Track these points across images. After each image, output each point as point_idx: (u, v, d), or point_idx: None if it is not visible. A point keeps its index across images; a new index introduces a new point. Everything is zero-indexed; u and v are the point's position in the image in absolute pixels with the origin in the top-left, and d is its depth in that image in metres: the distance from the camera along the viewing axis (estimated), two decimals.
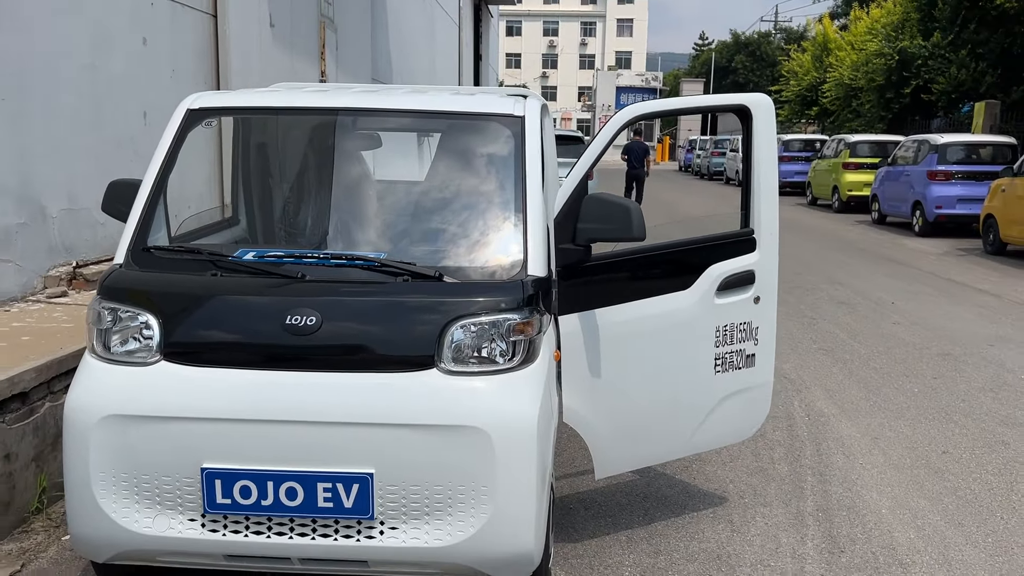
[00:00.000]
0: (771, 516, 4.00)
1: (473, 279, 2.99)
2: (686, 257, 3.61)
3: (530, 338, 2.92)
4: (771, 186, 3.71)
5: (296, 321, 2.81)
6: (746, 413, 3.84)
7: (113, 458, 2.81)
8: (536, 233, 3.09)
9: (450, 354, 2.83)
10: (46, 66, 5.50)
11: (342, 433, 2.76)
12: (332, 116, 3.59)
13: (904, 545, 3.74)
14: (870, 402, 5.75)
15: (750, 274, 3.69)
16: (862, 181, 19.46)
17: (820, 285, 10.26)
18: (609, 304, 3.41)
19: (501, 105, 3.43)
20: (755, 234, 3.70)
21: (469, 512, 2.78)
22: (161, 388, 2.82)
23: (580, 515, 3.98)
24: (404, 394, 2.78)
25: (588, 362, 3.40)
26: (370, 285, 2.94)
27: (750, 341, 3.75)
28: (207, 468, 2.77)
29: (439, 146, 3.71)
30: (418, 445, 2.76)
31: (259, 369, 2.82)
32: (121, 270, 3.07)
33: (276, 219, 4.05)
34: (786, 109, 35.93)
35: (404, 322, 2.87)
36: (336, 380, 2.80)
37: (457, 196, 3.42)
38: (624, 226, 3.18)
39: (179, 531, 2.82)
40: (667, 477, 4.43)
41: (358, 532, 2.80)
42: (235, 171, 4.20)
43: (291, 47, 9.77)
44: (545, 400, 2.91)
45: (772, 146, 3.70)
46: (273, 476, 2.76)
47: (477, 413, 2.77)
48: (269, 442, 2.77)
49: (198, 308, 2.94)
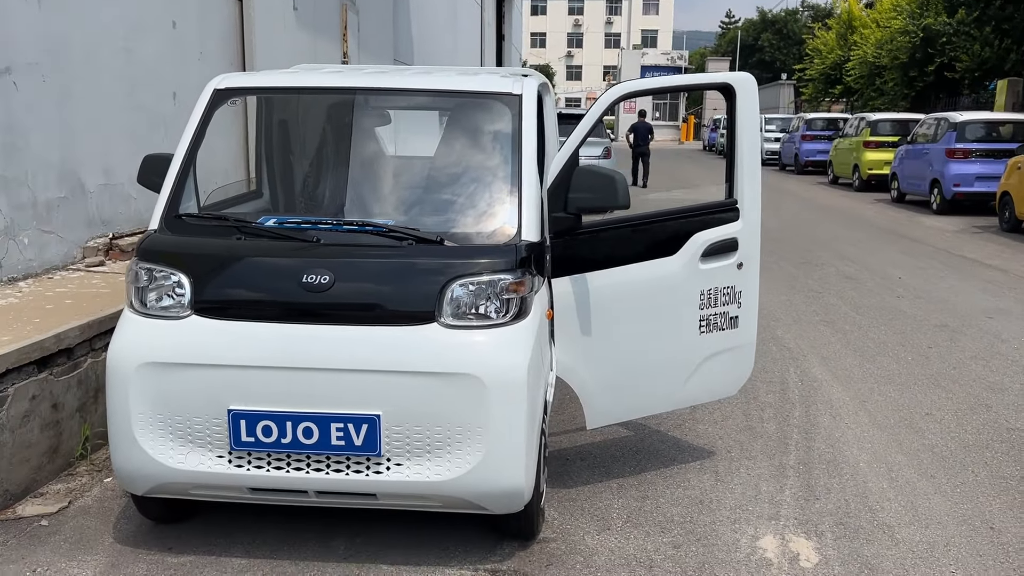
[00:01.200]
0: (754, 468, 4.30)
1: (472, 243, 3.31)
2: (672, 225, 3.89)
3: (522, 296, 3.23)
4: (753, 159, 3.97)
5: (312, 280, 3.14)
6: (730, 371, 4.13)
7: (150, 401, 3.17)
8: (530, 202, 3.40)
9: (450, 310, 3.15)
10: (86, 48, 5.87)
11: (352, 379, 3.09)
12: (346, 95, 3.91)
13: (876, 494, 4.03)
14: (863, 369, 6.01)
15: (733, 241, 3.97)
16: (882, 159, 19.47)
17: (831, 261, 10.46)
18: (599, 268, 3.71)
19: (500, 84, 3.73)
20: (738, 204, 3.97)
21: (466, 451, 3.10)
22: (192, 339, 3.17)
23: (576, 465, 4.30)
24: (408, 345, 3.11)
25: (579, 321, 3.70)
26: (378, 248, 3.26)
27: (734, 304, 4.03)
28: (233, 410, 3.12)
29: (444, 123, 4.02)
30: (420, 390, 3.08)
31: (279, 322, 3.16)
32: (156, 235, 3.42)
33: (295, 191, 4.38)
34: (810, 87, 35.77)
35: (408, 281, 3.19)
36: (347, 332, 3.13)
37: (459, 169, 3.73)
38: (611, 195, 3.48)
39: (208, 466, 3.18)
40: (660, 433, 4.74)
41: (367, 468, 3.14)
42: (259, 147, 4.55)
43: (314, 29, 10.09)
44: (535, 353, 3.23)
45: (754, 122, 3.96)
46: (292, 417, 3.10)
47: (473, 362, 3.09)
48: (288, 387, 3.11)
49: (224, 268, 3.28)
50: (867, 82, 29.85)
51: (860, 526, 3.71)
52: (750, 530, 3.67)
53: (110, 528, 3.61)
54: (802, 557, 3.45)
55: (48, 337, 3.97)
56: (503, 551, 3.43)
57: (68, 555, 3.40)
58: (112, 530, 3.59)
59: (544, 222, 3.51)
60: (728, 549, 3.51)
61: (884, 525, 3.72)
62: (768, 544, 3.55)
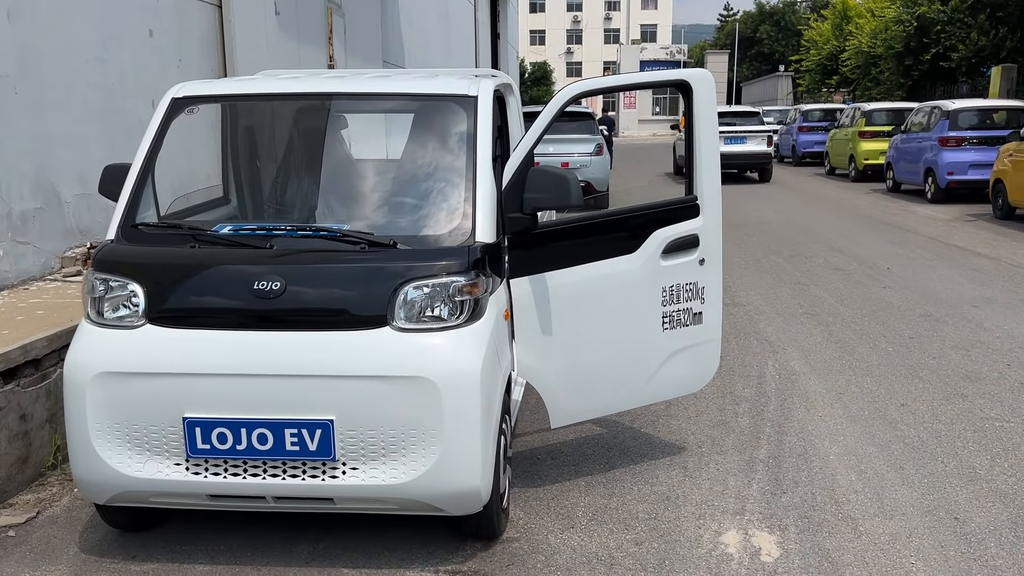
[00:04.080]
0: (724, 463, 4.30)
1: (426, 246, 3.32)
2: (631, 223, 3.89)
3: (476, 298, 3.24)
4: (712, 156, 3.97)
5: (263, 287, 3.16)
6: (695, 367, 4.14)
7: (106, 410, 3.19)
8: (484, 203, 3.41)
9: (402, 313, 3.17)
10: (59, 59, 5.89)
11: (305, 384, 3.11)
12: (301, 101, 3.92)
13: (844, 487, 4.03)
14: (842, 361, 6.00)
15: (694, 238, 3.97)
16: (878, 150, 19.40)
17: (820, 253, 10.45)
18: (558, 268, 3.71)
19: (456, 86, 3.73)
20: (698, 201, 3.97)
21: (421, 453, 3.12)
22: (146, 348, 3.20)
23: (545, 464, 4.31)
24: (360, 349, 3.13)
25: (539, 321, 3.71)
26: (331, 253, 3.28)
27: (696, 300, 4.04)
28: (188, 417, 3.14)
29: (401, 126, 4.03)
30: (373, 394, 3.10)
31: (232, 330, 3.18)
32: (111, 245, 3.44)
33: (259, 197, 4.41)
34: (807, 79, 35.68)
35: (359, 285, 3.21)
36: (299, 338, 3.15)
37: (415, 171, 3.75)
38: (564, 195, 3.48)
39: (166, 474, 3.20)
40: (632, 430, 4.75)
41: (323, 472, 3.16)
42: (224, 153, 4.56)
43: (297, 34, 10.10)
44: (489, 354, 3.24)
45: (712, 118, 3.96)
46: (246, 424, 3.12)
47: (425, 365, 3.11)
48: (241, 394, 3.13)
49: (177, 277, 3.30)
50: (863, 72, 29.78)
51: (824, 519, 3.71)
52: (714, 525, 3.67)
53: (76, 538, 3.63)
54: (763, 551, 3.45)
55: (14, 348, 4.00)
56: (465, 552, 3.44)
57: (32, 565, 3.42)
58: (78, 539, 3.62)
59: (501, 223, 3.52)
60: (690, 545, 3.51)
61: (848, 517, 3.72)
62: (730, 539, 3.55)
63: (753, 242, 11.35)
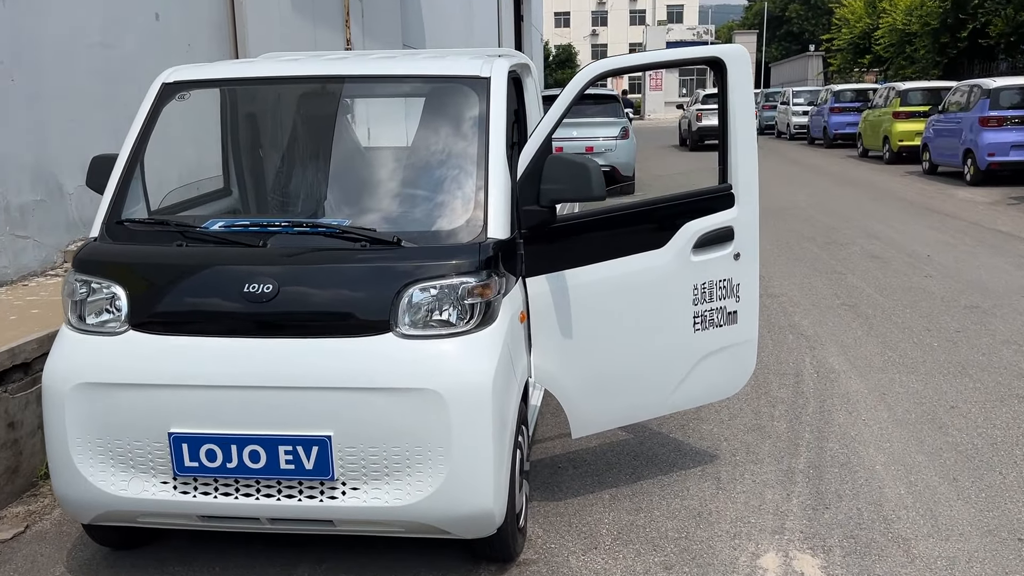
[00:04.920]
0: (760, 473, 3.98)
1: (433, 243, 3.02)
2: (659, 215, 3.56)
3: (488, 300, 2.94)
4: (749, 140, 3.63)
5: (253, 289, 2.88)
6: (730, 370, 3.81)
7: (87, 424, 2.93)
8: (497, 196, 3.10)
9: (405, 318, 2.87)
10: (58, 46, 5.64)
11: (299, 397, 2.83)
12: (301, 84, 3.62)
13: (892, 501, 3.69)
14: (884, 358, 5.63)
15: (728, 231, 3.63)
16: (913, 130, 18.78)
17: (856, 239, 10.02)
18: (578, 265, 3.39)
19: (467, 67, 3.42)
20: (733, 190, 3.64)
21: (427, 472, 2.83)
22: (128, 357, 2.93)
23: (567, 474, 4.01)
24: (359, 358, 2.84)
25: (558, 323, 3.40)
26: (329, 252, 2.98)
27: (731, 298, 3.70)
28: (174, 433, 2.87)
29: (409, 111, 3.73)
30: (374, 408, 2.81)
31: (220, 336, 2.90)
32: (94, 243, 3.18)
33: (260, 188, 4.12)
34: (838, 58, 34.82)
35: (360, 288, 2.91)
36: (293, 346, 2.86)
37: (424, 160, 3.44)
38: (583, 185, 3.16)
39: (152, 493, 2.94)
40: (661, 436, 4.43)
41: (321, 492, 2.88)
42: (224, 141, 4.29)
43: (313, 16, 9.81)
44: (502, 361, 2.93)
45: (748, 99, 3.61)
46: (236, 440, 2.85)
47: (430, 375, 2.81)
48: (230, 407, 2.85)
49: (162, 279, 3.03)
50: (897, 50, 28.94)
51: (872, 539, 3.38)
52: (751, 546, 3.36)
53: (64, 556, 3.40)
54: None
55: (0, 352, 3.76)
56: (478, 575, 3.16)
57: None
58: (66, 558, 3.38)
59: (516, 217, 3.21)
60: (724, 569, 3.20)
61: (899, 538, 3.39)
62: (769, 563, 3.24)
63: (785, 228, 10.93)
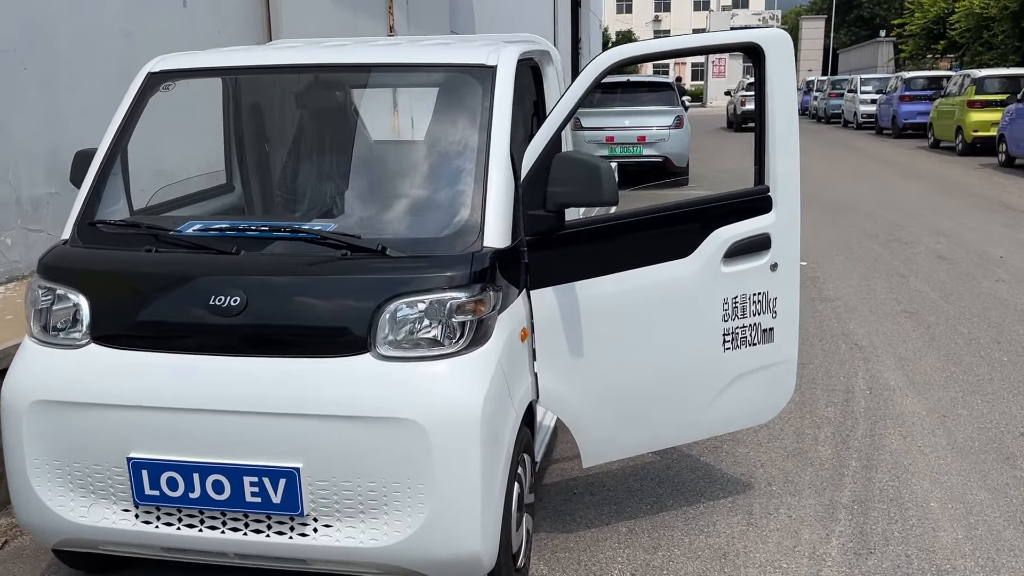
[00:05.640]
0: (797, 507, 3.58)
1: (422, 252, 2.70)
2: (685, 220, 3.18)
3: (479, 318, 2.61)
4: (789, 136, 3.22)
5: (219, 302, 2.60)
6: (764, 394, 3.41)
7: (45, 445, 2.70)
8: (497, 200, 2.77)
9: (385, 337, 2.56)
10: (76, 33, 5.47)
11: (266, 424, 2.54)
12: (294, 74, 3.34)
13: (948, 547, 3.26)
14: (946, 373, 5.14)
15: (764, 238, 3.23)
16: (989, 120, 17.77)
17: (922, 238, 9.40)
18: (591, 275, 3.03)
19: (472, 55, 3.08)
20: (771, 192, 3.23)
21: (406, 511, 2.53)
22: (88, 373, 2.68)
23: (582, 501, 3.66)
24: (332, 381, 2.54)
25: (567, 340, 3.04)
26: (305, 261, 2.69)
27: (767, 314, 3.31)
28: (133, 458, 2.62)
29: (403, 101, 3.40)
30: (348, 438, 2.52)
31: (183, 353, 2.64)
32: (62, 247, 2.95)
33: (262, 185, 3.85)
34: (910, 44, 33.42)
35: (336, 302, 2.61)
36: (260, 366, 2.58)
37: (421, 157, 3.12)
38: (593, 189, 2.79)
39: (113, 522, 2.70)
40: (690, 459, 4.05)
41: (291, 529, 2.60)
42: (226, 134, 4.03)
43: (353, 2, 9.56)
44: (495, 386, 2.61)
45: (789, 90, 3.20)
46: (199, 468, 2.59)
47: (410, 403, 2.50)
48: (192, 432, 2.59)
49: (126, 288, 2.78)
50: (974, 36, 27.59)
51: None
52: None
53: None
54: None
55: None
56: None
57: None
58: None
59: (519, 222, 2.87)
60: None
61: None
62: None
63: (845, 224, 10.35)
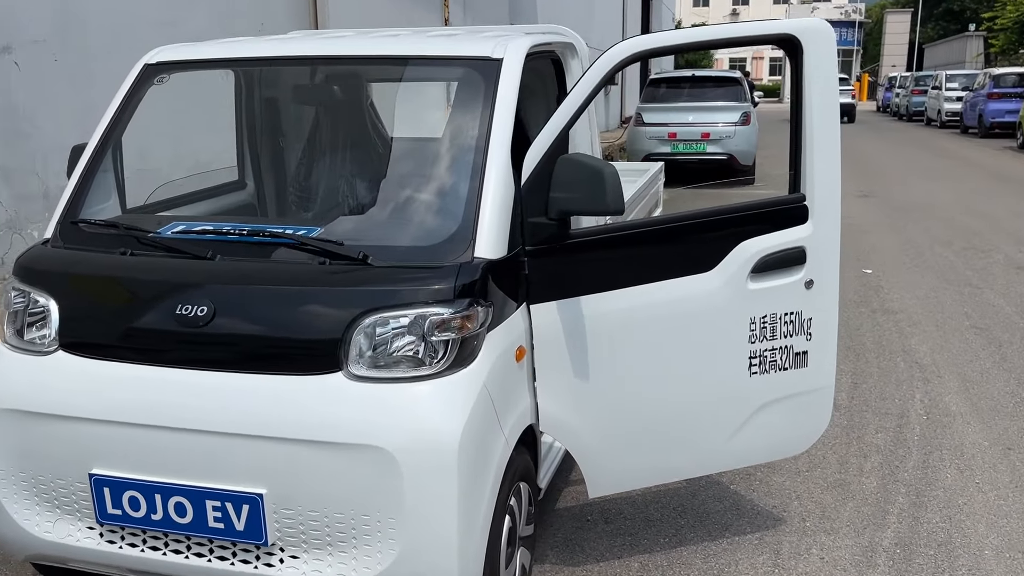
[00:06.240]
0: (832, 548, 3.24)
1: (407, 262, 2.47)
2: (707, 230, 2.88)
3: (463, 336, 2.37)
4: (830, 139, 2.88)
5: (186, 312, 2.42)
6: (796, 424, 3.09)
7: (10, 456, 2.58)
8: (493, 205, 2.53)
9: (359, 355, 2.35)
10: (113, 23, 5.43)
11: (229, 445, 2.36)
12: (290, 66, 3.15)
13: None
14: (1016, 399, 4.69)
15: (798, 252, 2.91)
16: None
17: (1001, 246, 8.78)
18: (600, 290, 2.76)
19: (476, 47, 2.84)
20: (807, 201, 2.90)
21: (376, 546, 2.31)
22: (52, 382, 2.54)
23: (596, 531, 3.40)
24: (300, 402, 2.34)
25: (571, 360, 2.78)
26: (279, 269, 2.49)
27: (800, 336, 2.98)
28: (95, 475, 2.47)
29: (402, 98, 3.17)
30: (314, 464, 2.31)
31: (149, 365, 2.47)
32: (40, 247, 2.82)
33: (271, 183, 3.70)
34: (1001, 39, 31.78)
35: (308, 315, 2.41)
36: (226, 382, 2.39)
37: (417, 157, 2.89)
38: (596, 195, 2.52)
39: (78, 539, 2.56)
40: (719, 487, 3.74)
41: (256, 558, 2.42)
42: (239, 128, 3.88)
43: None
44: (479, 411, 2.37)
45: (830, 87, 2.86)
46: (161, 488, 2.42)
47: (380, 429, 2.28)
48: (155, 450, 2.42)
49: (95, 293, 2.63)
50: None
51: None
52: None
53: None
54: None
55: None
56: None
57: None
58: None
59: (519, 230, 2.62)
60: None
61: None
62: None
63: (918, 229, 9.76)
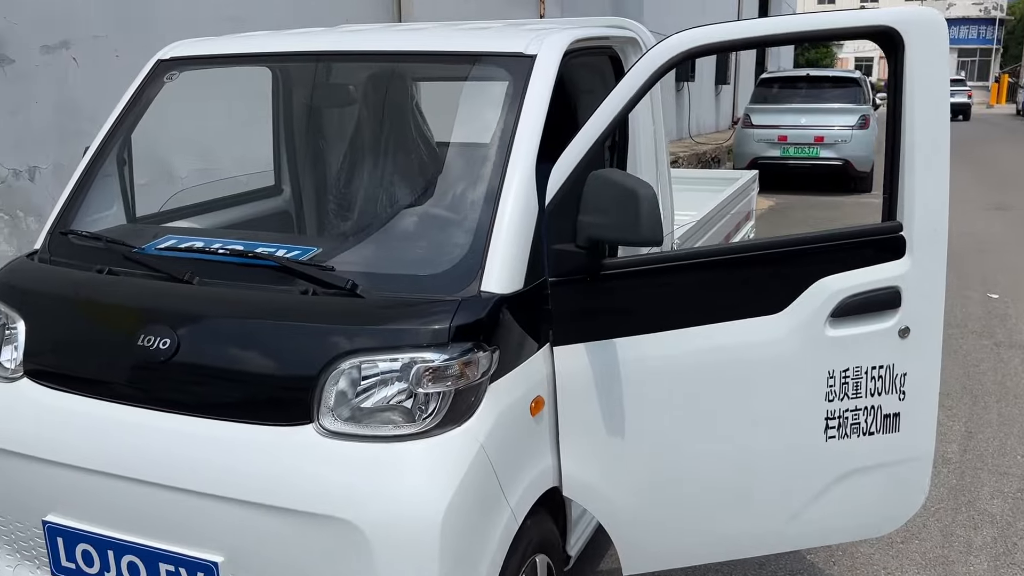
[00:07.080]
0: None
1: (403, 293, 2.09)
2: (777, 263, 2.37)
3: (457, 388, 1.97)
4: (936, 157, 2.32)
5: (148, 343, 2.11)
6: (882, 499, 2.54)
7: None
8: (509, 228, 2.12)
9: (333, 405, 1.98)
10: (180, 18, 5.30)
11: (186, 503, 2.03)
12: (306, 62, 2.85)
13: None
14: None
15: (892, 293, 2.36)
16: None
17: None
18: (639, 332, 2.29)
19: (508, 42, 2.44)
20: (904, 231, 2.36)
21: None
22: (14, 414, 2.28)
23: None
24: (263, 458, 1.99)
25: (603, 415, 2.32)
26: (255, 298, 2.15)
27: (891, 394, 2.43)
28: (49, 522, 2.20)
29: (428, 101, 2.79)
30: (275, 533, 1.96)
31: (109, 401, 2.18)
32: (23, 260, 2.58)
33: (304, 188, 3.40)
34: None
35: (279, 355, 2.06)
36: (186, 428, 2.07)
37: (429, 172, 2.50)
38: (626, 221, 2.05)
39: None
40: (794, 558, 3.20)
41: None
42: (275, 129, 3.61)
43: None
44: (475, 478, 1.97)
45: (939, 93, 2.31)
46: (114, 545, 2.12)
47: (349, 498, 1.91)
48: (111, 500, 2.13)
49: (60, 315, 2.35)
50: None
51: None
52: None
53: None
54: None
55: None
56: None
57: None
58: None
59: (541, 259, 2.20)
60: None
61: None
62: None
63: None
